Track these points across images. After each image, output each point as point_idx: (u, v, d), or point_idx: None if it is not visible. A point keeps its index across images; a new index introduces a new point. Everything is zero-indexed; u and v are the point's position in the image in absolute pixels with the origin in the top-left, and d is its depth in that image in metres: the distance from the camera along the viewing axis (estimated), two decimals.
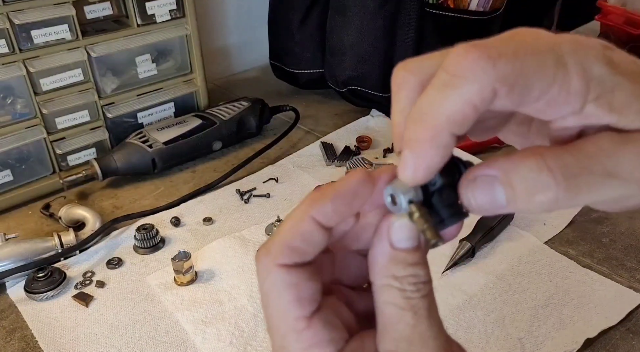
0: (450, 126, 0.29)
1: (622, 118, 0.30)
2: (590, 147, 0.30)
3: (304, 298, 0.31)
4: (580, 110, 0.29)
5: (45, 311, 0.77)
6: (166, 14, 1.06)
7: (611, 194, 0.30)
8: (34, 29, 0.92)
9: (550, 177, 0.29)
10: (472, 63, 0.28)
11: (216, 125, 1.09)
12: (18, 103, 0.95)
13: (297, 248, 0.31)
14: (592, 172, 0.29)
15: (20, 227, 0.92)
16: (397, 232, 0.32)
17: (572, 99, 0.29)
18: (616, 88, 0.29)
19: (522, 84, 0.28)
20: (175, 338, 0.72)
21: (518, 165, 0.29)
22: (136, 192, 1.01)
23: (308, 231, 0.31)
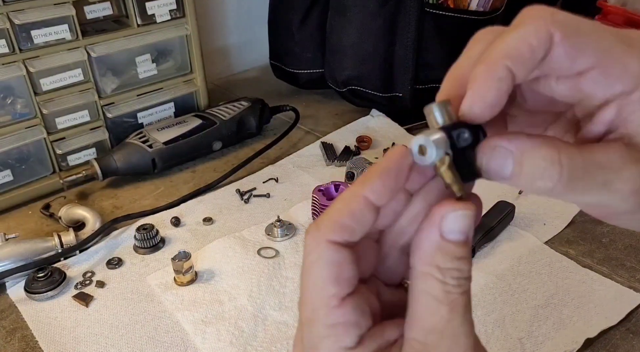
0: (506, 59, 0.30)
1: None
2: (601, 157, 0.31)
3: (343, 278, 0.32)
4: (629, 93, 0.31)
5: (45, 311, 0.77)
6: (166, 14, 1.06)
7: (599, 201, 0.32)
8: (34, 29, 0.92)
9: (557, 171, 0.31)
10: (533, 11, 0.31)
11: (216, 126, 1.09)
12: (18, 103, 0.95)
13: (347, 226, 0.32)
14: (594, 179, 0.31)
15: (21, 227, 0.92)
16: (451, 222, 0.32)
17: (627, 77, 0.31)
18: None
19: (578, 37, 0.30)
20: (175, 338, 0.72)
21: (535, 149, 0.31)
22: (136, 192, 1.01)
23: (359, 209, 0.32)
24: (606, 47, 0.31)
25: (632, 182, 0.32)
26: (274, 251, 0.84)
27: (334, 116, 1.25)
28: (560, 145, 0.31)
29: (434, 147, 0.32)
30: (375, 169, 0.33)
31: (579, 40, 0.31)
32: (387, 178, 0.32)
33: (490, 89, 0.31)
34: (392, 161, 0.32)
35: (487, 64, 0.31)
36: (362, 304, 0.33)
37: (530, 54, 0.30)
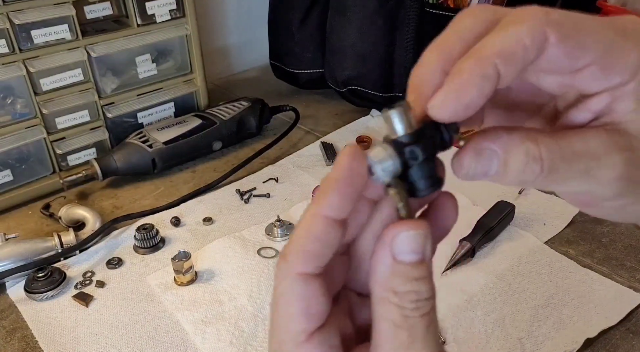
0: (498, 58, 0.29)
1: (635, 115, 0.31)
2: (580, 145, 0.31)
3: (312, 313, 0.31)
4: (625, 84, 0.31)
5: (45, 311, 0.77)
6: (166, 14, 1.06)
7: (581, 189, 0.32)
8: (34, 29, 0.92)
9: (539, 165, 0.31)
10: (527, 10, 0.30)
11: (216, 125, 1.09)
12: (18, 103, 0.95)
13: (314, 252, 0.30)
14: (574, 168, 0.31)
15: (20, 227, 0.92)
16: (402, 243, 0.31)
17: (625, 70, 0.31)
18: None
19: (576, 37, 0.30)
20: (175, 338, 0.72)
21: (517, 147, 0.31)
22: (136, 192, 1.01)
23: (322, 231, 0.30)
24: (606, 43, 0.30)
25: (614, 168, 0.31)
26: (274, 251, 0.84)
27: (334, 116, 1.25)
28: (539, 137, 0.31)
29: (380, 170, 0.31)
30: (329, 181, 0.31)
31: (578, 39, 0.30)
32: (343, 188, 0.30)
33: (472, 88, 0.29)
34: (343, 168, 0.30)
35: (475, 59, 0.30)
36: (332, 338, 0.32)
37: (522, 54, 0.29)
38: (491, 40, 0.30)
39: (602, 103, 0.32)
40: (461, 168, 0.31)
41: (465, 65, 0.29)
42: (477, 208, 0.89)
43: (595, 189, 0.32)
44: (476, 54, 0.30)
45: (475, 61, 0.29)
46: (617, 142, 0.31)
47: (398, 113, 0.30)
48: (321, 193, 0.31)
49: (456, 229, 0.90)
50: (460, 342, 0.69)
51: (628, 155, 0.31)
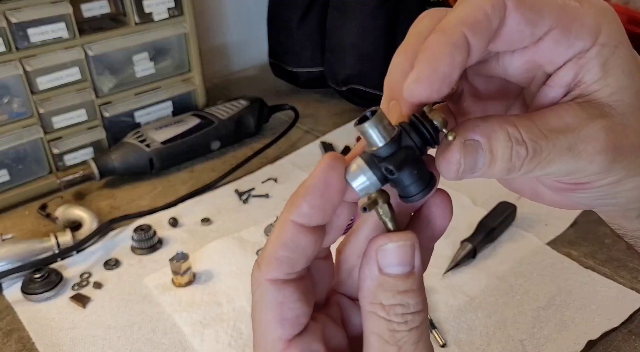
0: (461, 26, 0.29)
1: (603, 82, 0.31)
2: (554, 120, 0.31)
3: (287, 319, 0.30)
4: (587, 49, 0.31)
5: (42, 312, 0.76)
6: (164, 12, 1.05)
7: (568, 168, 0.31)
8: (30, 27, 0.91)
9: (523, 148, 0.30)
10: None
11: (214, 125, 1.09)
12: (15, 102, 0.94)
13: (283, 258, 0.30)
14: (556, 146, 0.30)
15: (17, 228, 0.92)
16: (387, 256, 0.30)
17: (585, 33, 0.30)
18: (618, 46, 0.31)
19: (531, 2, 0.30)
20: (173, 340, 0.71)
21: (498, 132, 0.30)
22: (134, 192, 1.00)
23: (290, 237, 0.30)
24: (561, 5, 0.30)
25: (594, 139, 0.31)
26: None
27: (334, 115, 1.24)
28: (515, 120, 0.31)
29: (357, 188, 0.30)
30: (301, 188, 0.30)
31: (533, 3, 0.30)
32: (312, 197, 0.29)
33: (444, 57, 0.28)
34: (316, 178, 0.30)
35: (442, 31, 0.29)
36: (313, 344, 0.31)
37: (486, 22, 0.29)
38: (453, 14, 0.30)
39: (569, 75, 0.32)
40: (450, 167, 0.30)
41: (434, 38, 0.29)
42: (479, 209, 0.89)
43: (583, 166, 0.31)
44: (442, 27, 0.29)
45: (443, 33, 0.29)
46: (591, 113, 0.31)
47: (371, 125, 0.29)
48: (292, 199, 0.30)
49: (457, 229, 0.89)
50: (461, 344, 0.68)
51: (606, 123, 0.31)
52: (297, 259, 0.30)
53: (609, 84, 0.31)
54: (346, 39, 1.14)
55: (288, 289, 0.30)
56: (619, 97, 0.31)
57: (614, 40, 0.31)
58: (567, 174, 0.32)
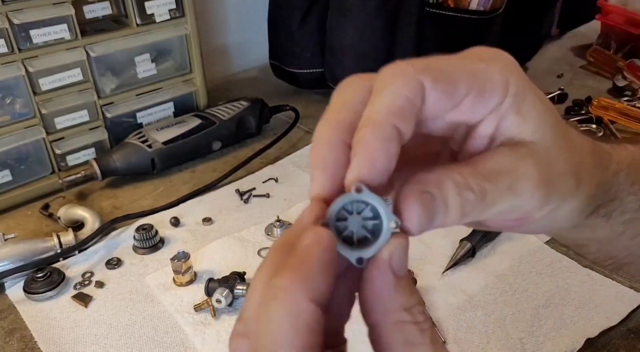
0: (391, 117, 0.30)
1: (523, 125, 0.34)
2: (491, 164, 0.33)
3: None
4: (501, 102, 0.33)
5: (45, 312, 0.76)
6: (165, 13, 1.05)
7: (511, 206, 0.34)
8: (33, 28, 0.91)
9: (471, 193, 0.32)
10: (394, 68, 0.32)
11: (215, 125, 1.09)
12: (17, 103, 0.94)
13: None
14: (498, 187, 0.32)
15: (20, 227, 0.92)
16: (399, 258, 0.30)
17: (496, 90, 0.33)
18: (527, 93, 0.34)
19: (444, 76, 0.32)
20: (174, 339, 0.71)
21: (447, 182, 0.31)
22: (135, 192, 1.01)
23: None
24: (471, 71, 0.33)
25: (529, 176, 0.33)
26: None
27: None
28: (456, 168, 0.32)
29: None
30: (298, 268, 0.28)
31: (447, 77, 0.32)
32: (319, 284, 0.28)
33: (380, 152, 0.30)
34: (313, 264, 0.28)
35: (372, 125, 0.30)
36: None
37: (410, 107, 0.31)
38: (377, 104, 0.31)
39: (490, 127, 0.34)
40: (412, 223, 0.30)
41: (367, 134, 0.30)
42: None
43: (523, 202, 0.34)
44: (370, 121, 0.31)
45: (374, 128, 0.30)
46: (521, 153, 0.33)
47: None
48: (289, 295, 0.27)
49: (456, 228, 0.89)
50: (460, 343, 0.69)
51: (534, 160, 0.34)
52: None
53: (528, 127, 0.34)
54: (346, 40, 1.14)
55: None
56: (539, 135, 0.34)
57: (522, 88, 0.33)
58: (510, 212, 0.34)
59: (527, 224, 0.37)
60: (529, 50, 1.39)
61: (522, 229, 0.38)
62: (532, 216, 0.36)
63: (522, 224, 0.37)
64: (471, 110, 0.33)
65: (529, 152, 0.34)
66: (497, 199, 0.32)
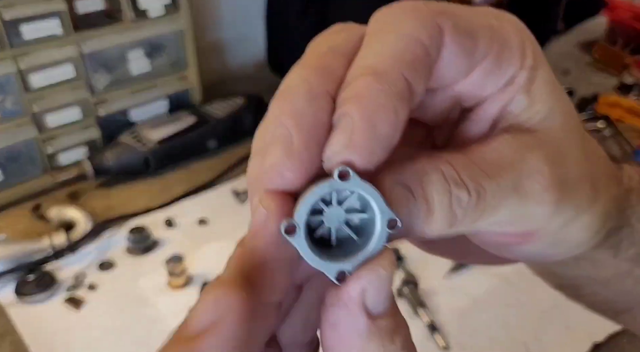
0: (403, 66, 0.23)
1: (532, 109, 0.26)
2: (492, 155, 0.25)
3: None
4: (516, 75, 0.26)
5: (36, 315, 0.75)
6: (160, 8, 1.04)
7: (516, 214, 0.26)
8: (24, 24, 0.90)
9: (465, 191, 0.24)
10: (402, 5, 0.24)
11: (211, 123, 1.07)
12: (8, 101, 0.92)
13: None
14: (500, 187, 0.25)
15: (10, 228, 0.90)
16: (377, 293, 0.22)
17: (514, 57, 0.26)
18: (539, 68, 0.26)
19: (465, 26, 0.24)
20: None
21: (431, 174, 0.24)
22: (129, 192, 0.99)
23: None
24: (490, 26, 0.25)
25: (538, 173, 0.26)
26: None
27: None
28: (447, 157, 0.25)
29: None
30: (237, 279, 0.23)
31: (468, 27, 0.24)
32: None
33: (385, 114, 0.22)
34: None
35: (376, 74, 0.22)
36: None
37: (426, 58, 0.23)
38: (381, 47, 0.23)
39: (495, 107, 0.27)
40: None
41: (366, 84, 0.22)
42: None
43: (531, 209, 0.26)
44: (374, 68, 0.23)
45: (378, 77, 0.22)
46: (527, 143, 0.26)
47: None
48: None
49: None
50: (464, 347, 0.67)
51: (544, 152, 0.26)
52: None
53: (538, 111, 0.27)
54: None
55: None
56: (550, 123, 0.27)
57: (538, 61, 0.26)
58: (513, 222, 0.27)
59: (531, 242, 0.28)
60: None
61: (523, 250, 0.29)
62: (539, 231, 0.28)
63: (524, 242, 0.29)
64: (480, 81, 0.26)
65: (538, 143, 0.26)
66: (499, 202, 0.25)
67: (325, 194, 0.22)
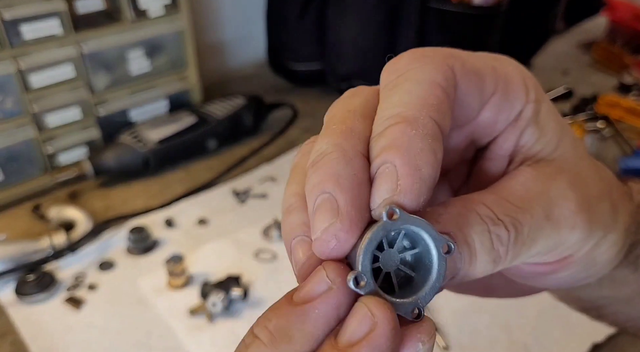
0: (431, 110, 0.24)
1: (543, 139, 0.28)
2: (519, 189, 0.26)
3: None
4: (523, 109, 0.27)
5: (36, 315, 0.75)
6: (160, 8, 1.03)
7: (547, 243, 0.27)
8: (24, 24, 0.89)
9: (503, 229, 0.25)
10: (413, 54, 0.26)
11: (211, 123, 1.07)
12: (8, 101, 0.92)
13: None
14: (533, 217, 0.26)
15: (11, 228, 0.90)
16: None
17: (519, 92, 0.27)
18: (542, 101, 0.28)
19: (472, 66, 0.26)
20: (168, 344, 0.70)
21: (468, 217, 0.24)
22: (129, 192, 0.99)
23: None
24: (490, 67, 0.27)
25: (565, 198, 0.27)
26: (271, 253, 0.82)
27: None
28: (480, 198, 0.26)
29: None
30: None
31: (474, 66, 0.26)
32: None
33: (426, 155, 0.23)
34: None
35: (408, 121, 0.23)
36: None
37: (447, 100, 0.24)
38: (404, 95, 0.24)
39: (510, 142, 0.28)
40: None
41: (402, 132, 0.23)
42: None
43: (564, 235, 0.27)
44: (401, 117, 0.23)
45: (410, 123, 0.23)
46: (548, 172, 0.27)
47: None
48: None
49: None
50: (464, 348, 0.67)
51: (567, 178, 0.27)
52: None
53: (549, 141, 0.28)
54: (346, 34, 1.13)
55: None
56: (562, 151, 0.28)
57: (540, 95, 0.28)
58: (550, 250, 0.28)
59: (565, 268, 0.29)
60: (534, 46, 1.37)
61: (557, 277, 0.30)
62: (573, 257, 0.29)
63: (559, 269, 0.29)
64: (493, 117, 0.27)
65: (559, 171, 0.28)
66: (535, 234, 0.25)
67: (381, 237, 0.23)
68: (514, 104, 0.27)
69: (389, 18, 1.08)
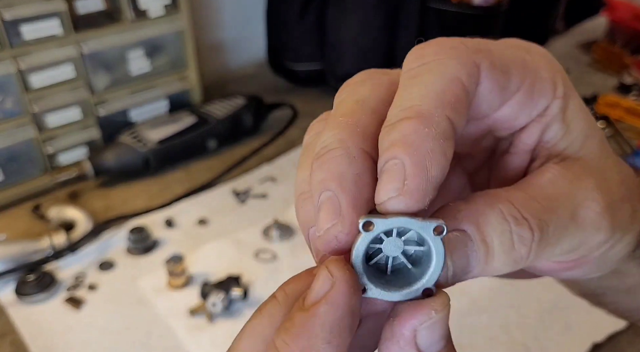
0: (447, 108, 0.23)
1: (569, 137, 0.27)
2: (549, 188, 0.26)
3: None
4: (549, 105, 0.27)
5: (36, 315, 0.75)
6: (160, 8, 1.03)
7: (576, 243, 0.27)
8: (24, 24, 0.89)
9: (527, 228, 0.24)
10: (440, 44, 0.25)
11: (211, 124, 1.07)
12: (8, 101, 0.92)
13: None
14: (559, 218, 0.25)
15: (10, 228, 0.90)
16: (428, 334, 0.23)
17: (546, 89, 0.27)
18: (571, 97, 0.28)
19: (500, 63, 0.25)
20: (168, 344, 0.70)
21: (489, 215, 0.24)
22: (129, 193, 0.99)
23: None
24: (522, 61, 0.26)
25: (591, 200, 0.26)
26: (271, 254, 0.82)
27: None
28: (505, 194, 0.25)
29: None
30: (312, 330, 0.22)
31: (503, 63, 0.25)
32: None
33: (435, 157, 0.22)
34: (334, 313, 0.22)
35: (420, 117, 0.23)
36: None
37: (466, 97, 0.24)
38: (422, 89, 0.24)
39: (533, 137, 0.28)
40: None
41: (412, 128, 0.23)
42: None
43: (587, 236, 0.27)
44: (414, 112, 0.23)
45: (423, 120, 0.23)
46: (575, 172, 0.27)
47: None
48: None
49: None
50: (463, 348, 0.67)
51: (593, 180, 0.27)
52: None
53: (575, 139, 0.28)
54: (346, 35, 1.13)
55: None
56: (589, 149, 0.28)
57: (569, 90, 0.28)
58: (572, 250, 0.27)
59: (581, 266, 0.29)
60: None
61: (571, 274, 0.30)
62: (590, 256, 0.29)
63: (575, 267, 0.29)
64: (515, 113, 0.26)
65: (586, 171, 0.27)
66: (560, 234, 0.25)
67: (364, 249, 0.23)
68: (538, 101, 0.27)
69: (389, 18, 1.08)
